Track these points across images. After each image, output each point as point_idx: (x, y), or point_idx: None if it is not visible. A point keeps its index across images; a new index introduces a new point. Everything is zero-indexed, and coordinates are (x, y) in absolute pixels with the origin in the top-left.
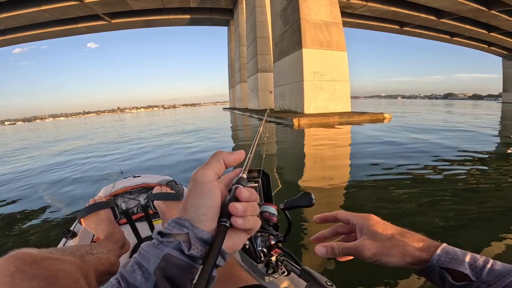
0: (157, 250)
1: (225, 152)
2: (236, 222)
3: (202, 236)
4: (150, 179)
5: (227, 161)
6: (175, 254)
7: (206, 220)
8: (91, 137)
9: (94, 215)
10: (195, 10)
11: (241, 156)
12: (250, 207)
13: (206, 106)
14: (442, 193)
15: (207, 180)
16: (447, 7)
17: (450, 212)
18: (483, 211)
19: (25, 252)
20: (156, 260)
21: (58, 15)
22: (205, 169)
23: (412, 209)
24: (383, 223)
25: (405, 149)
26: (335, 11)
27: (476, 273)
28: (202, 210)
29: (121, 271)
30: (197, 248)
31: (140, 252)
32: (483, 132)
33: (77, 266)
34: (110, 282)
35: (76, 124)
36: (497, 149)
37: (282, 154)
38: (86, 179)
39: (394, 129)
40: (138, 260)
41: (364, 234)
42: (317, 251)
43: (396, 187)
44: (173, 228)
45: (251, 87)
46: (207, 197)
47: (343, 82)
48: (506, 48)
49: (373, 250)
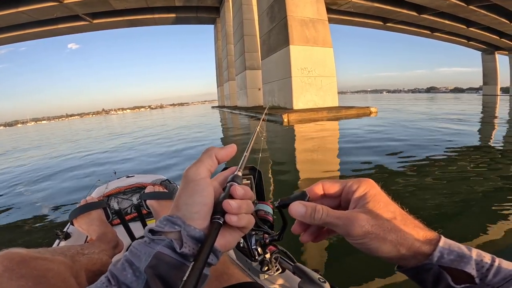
0: (148, 248)
1: (217, 148)
2: (230, 220)
3: (194, 234)
4: (144, 178)
5: (219, 157)
6: (166, 252)
7: (199, 218)
8: None
9: (85, 216)
10: (180, 9)
11: (233, 150)
12: (244, 204)
13: (194, 105)
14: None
15: (199, 178)
16: (427, 3)
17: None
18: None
19: (13, 251)
20: (147, 258)
21: (36, 16)
22: (197, 166)
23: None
24: (385, 198)
25: (394, 143)
26: (321, 8)
27: (482, 273)
28: (194, 207)
29: (111, 269)
30: (189, 246)
31: (131, 250)
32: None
33: (66, 265)
34: (100, 280)
35: (42, 130)
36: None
37: (275, 152)
38: (79, 181)
39: (382, 124)
40: (129, 258)
41: (360, 206)
42: (293, 210)
43: (393, 180)
44: (165, 226)
45: (240, 85)
46: (199, 195)
47: (330, 77)
48: (485, 42)
49: (367, 228)
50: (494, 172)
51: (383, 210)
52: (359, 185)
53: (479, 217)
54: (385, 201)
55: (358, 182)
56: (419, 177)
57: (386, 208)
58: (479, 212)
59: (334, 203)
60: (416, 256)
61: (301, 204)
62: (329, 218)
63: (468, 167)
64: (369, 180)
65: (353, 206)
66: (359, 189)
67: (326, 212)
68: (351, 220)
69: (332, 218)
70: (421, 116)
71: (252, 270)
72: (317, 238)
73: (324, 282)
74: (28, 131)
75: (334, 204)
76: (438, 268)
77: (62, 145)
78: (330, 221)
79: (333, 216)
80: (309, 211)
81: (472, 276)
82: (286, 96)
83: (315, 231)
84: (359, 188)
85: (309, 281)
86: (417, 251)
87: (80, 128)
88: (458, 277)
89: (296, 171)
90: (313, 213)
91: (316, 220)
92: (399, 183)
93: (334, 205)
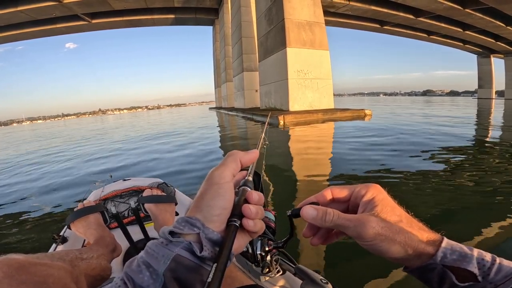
0: (166, 250)
1: (241, 152)
2: (247, 224)
3: (212, 237)
4: (141, 182)
5: (243, 161)
6: (185, 255)
7: (218, 221)
8: None
9: (83, 220)
10: (179, 10)
11: (256, 156)
12: (260, 210)
13: (191, 106)
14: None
15: (224, 181)
16: (423, 6)
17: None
18: (467, 201)
19: (11, 258)
20: (166, 261)
21: (35, 15)
22: (222, 170)
23: None
24: (391, 202)
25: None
26: (318, 11)
27: (484, 272)
28: (216, 210)
29: (127, 271)
30: (208, 249)
31: (147, 251)
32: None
33: (66, 271)
34: (116, 283)
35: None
36: None
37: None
38: (75, 184)
39: (378, 127)
40: (146, 260)
41: (369, 209)
42: (305, 213)
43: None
44: (184, 227)
45: (237, 86)
46: (222, 198)
47: (326, 79)
48: (481, 45)
49: (377, 230)
50: (489, 175)
51: (391, 213)
52: (367, 190)
53: (476, 218)
54: (392, 205)
55: (366, 187)
56: (419, 177)
57: (393, 212)
58: (475, 213)
59: (342, 208)
60: (420, 256)
61: (312, 207)
62: (340, 220)
63: (468, 167)
64: (376, 186)
65: (362, 210)
66: (367, 194)
67: (337, 215)
68: (363, 222)
69: (343, 220)
70: (418, 119)
71: (252, 272)
72: (326, 240)
73: (327, 283)
74: (23, 129)
75: (342, 208)
76: (442, 267)
77: (63, 145)
78: (341, 223)
79: (344, 218)
80: (320, 214)
81: (475, 274)
82: (282, 97)
83: (324, 234)
84: (367, 193)
85: (311, 283)
86: (422, 252)
87: (86, 129)
88: (462, 276)
89: (293, 177)
90: (324, 216)
91: (327, 223)
92: (398, 184)
93: (342, 210)
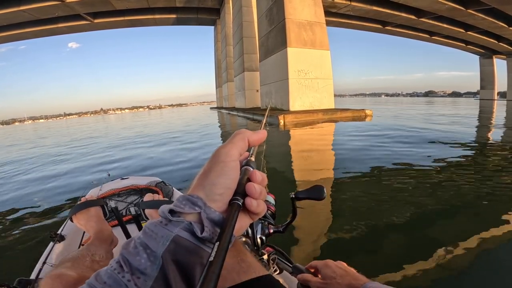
0: (165, 230)
1: (249, 132)
2: (250, 203)
3: (213, 217)
4: (139, 180)
5: (251, 141)
6: (185, 236)
7: (220, 201)
8: None
9: (84, 212)
10: (181, 10)
11: (264, 136)
12: (263, 190)
13: (192, 106)
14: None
15: (230, 160)
16: (425, 6)
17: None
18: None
19: (67, 274)
20: (165, 242)
21: (38, 15)
22: (229, 148)
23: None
24: (334, 267)
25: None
26: (319, 11)
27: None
28: (219, 189)
29: (123, 253)
30: (209, 230)
31: (145, 231)
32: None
33: None
34: (111, 266)
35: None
36: None
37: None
38: (73, 183)
39: (378, 128)
40: (143, 241)
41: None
42: None
43: (390, 187)
44: (185, 206)
45: (238, 86)
46: (228, 177)
47: (327, 79)
48: (483, 46)
49: (317, 285)
50: (485, 177)
51: (329, 274)
52: (320, 266)
53: (476, 218)
54: (333, 269)
55: (321, 265)
56: (419, 178)
57: (331, 273)
58: (475, 213)
59: None
60: None
61: None
62: None
63: (468, 167)
64: (327, 262)
65: None
66: (321, 269)
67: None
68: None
69: None
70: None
71: None
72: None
73: None
74: (25, 129)
75: None
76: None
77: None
78: None
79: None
80: None
81: None
82: (283, 97)
83: None
84: (321, 269)
85: None
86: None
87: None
88: None
89: (292, 178)
90: None
91: None
92: (398, 184)
93: None
